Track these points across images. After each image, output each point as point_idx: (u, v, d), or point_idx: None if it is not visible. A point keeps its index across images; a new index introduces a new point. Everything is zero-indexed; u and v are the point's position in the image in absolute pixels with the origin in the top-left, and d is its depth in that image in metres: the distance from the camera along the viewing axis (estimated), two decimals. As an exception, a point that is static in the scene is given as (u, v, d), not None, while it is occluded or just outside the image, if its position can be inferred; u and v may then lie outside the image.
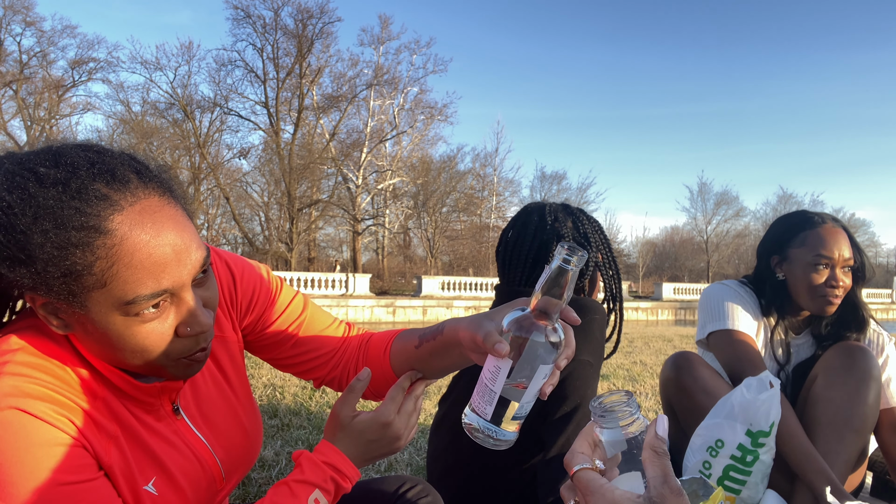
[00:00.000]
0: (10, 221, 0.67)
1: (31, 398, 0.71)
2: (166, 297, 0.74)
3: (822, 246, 1.82)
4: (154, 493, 0.82)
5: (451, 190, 40.27)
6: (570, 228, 1.56)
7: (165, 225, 0.73)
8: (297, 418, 3.19)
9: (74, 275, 0.68)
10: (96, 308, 0.71)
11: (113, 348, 0.75)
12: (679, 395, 1.83)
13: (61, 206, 0.67)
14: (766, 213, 53.66)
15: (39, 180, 0.68)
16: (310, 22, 35.73)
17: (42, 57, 34.04)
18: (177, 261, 0.73)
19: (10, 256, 0.68)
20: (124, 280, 0.70)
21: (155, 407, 0.86)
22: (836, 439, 1.66)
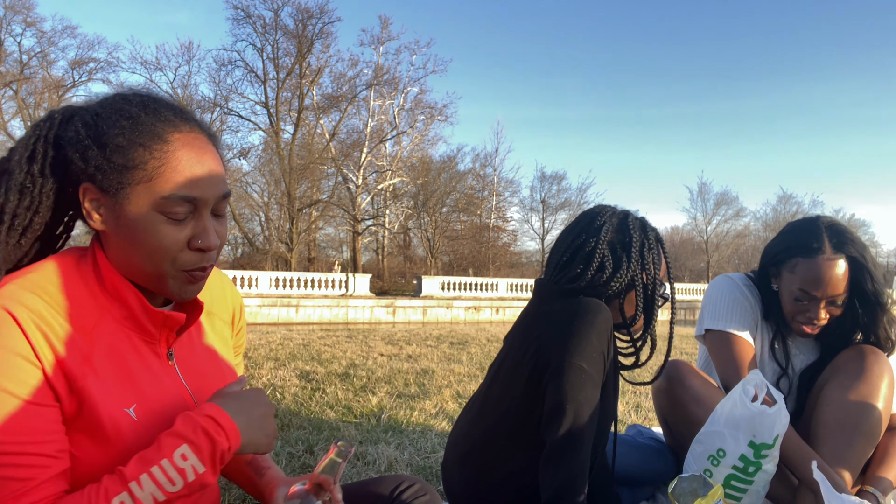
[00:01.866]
0: (94, 121, 0.88)
1: (24, 307, 0.82)
2: (191, 207, 0.89)
3: (808, 281, 1.73)
4: (133, 417, 0.88)
5: (451, 190, 40.26)
6: (609, 236, 1.49)
7: (207, 154, 0.92)
8: (297, 418, 3.20)
9: (130, 167, 0.86)
10: (136, 201, 0.87)
11: (134, 247, 0.88)
12: (671, 406, 1.81)
13: (138, 115, 0.88)
14: (766, 213, 53.76)
15: (125, 98, 0.91)
16: (310, 22, 35.76)
17: (42, 57, 34.10)
18: (208, 181, 0.90)
19: (87, 146, 0.87)
20: (166, 179, 0.87)
21: (154, 340, 0.95)
22: (844, 443, 1.64)
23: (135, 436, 0.87)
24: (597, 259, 1.47)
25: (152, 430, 0.88)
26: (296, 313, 24.88)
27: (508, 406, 1.47)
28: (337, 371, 4.84)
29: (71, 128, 0.90)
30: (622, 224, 1.51)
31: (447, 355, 6.08)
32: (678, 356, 6.76)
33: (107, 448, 0.85)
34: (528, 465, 1.44)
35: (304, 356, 5.70)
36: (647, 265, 1.48)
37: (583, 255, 1.49)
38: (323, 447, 2.64)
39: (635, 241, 1.48)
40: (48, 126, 0.93)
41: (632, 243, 1.48)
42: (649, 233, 1.52)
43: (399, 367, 5.17)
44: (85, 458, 0.85)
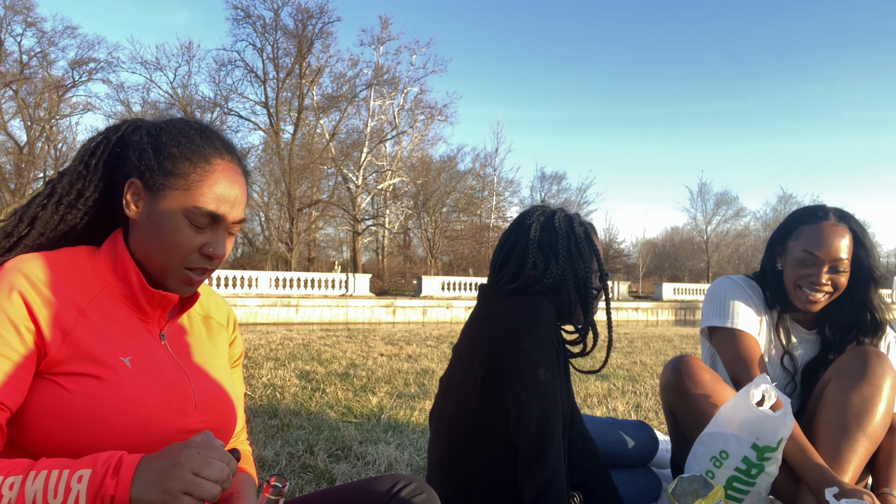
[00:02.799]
0: (157, 132, 1.07)
1: (26, 268, 0.96)
2: (212, 221, 1.06)
3: (812, 242, 1.80)
4: (128, 365, 0.99)
5: (451, 190, 40.26)
6: (537, 235, 1.55)
7: (237, 183, 1.09)
8: (297, 418, 3.20)
9: (174, 174, 1.04)
10: (170, 202, 1.03)
11: (156, 238, 1.04)
12: (680, 400, 1.81)
13: (194, 136, 1.07)
14: (766, 214, 53.74)
15: (188, 122, 1.10)
16: (310, 22, 35.75)
17: (42, 57, 34.07)
18: (231, 205, 1.07)
19: (145, 149, 1.05)
20: (200, 193, 1.04)
21: (148, 318, 1.07)
22: (847, 444, 1.64)
23: (130, 380, 0.97)
24: (530, 259, 1.53)
25: (145, 381, 0.99)
26: (296, 313, 24.88)
27: (467, 412, 1.51)
28: (337, 371, 4.84)
29: (137, 134, 1.08)
30: (548, 223, 1.57)
31: (447, 355, 6.08)
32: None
33: (102, 387, 0.94)
34: (498, 465, 1.47)
35: (304, 356, 5.70)
36: (574, 260, 1.54)
37: (515, 256, 1.56)
38: (323, 447, 2.64)
39: (561, 238, 1.54)
40: (115, 130, 1.11)
41: (558, 241, 1.54)
42: (576, 228, 1.57)
43: (399, 367, 5.16)
44: (83, 394, 0.93)
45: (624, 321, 30.94)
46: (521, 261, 1.55)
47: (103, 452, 0.87)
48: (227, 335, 1.25)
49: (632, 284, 44.32)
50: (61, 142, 35.30)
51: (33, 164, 33.89)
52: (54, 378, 0.93)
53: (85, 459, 0.85)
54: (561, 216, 1.58)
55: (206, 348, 1.17)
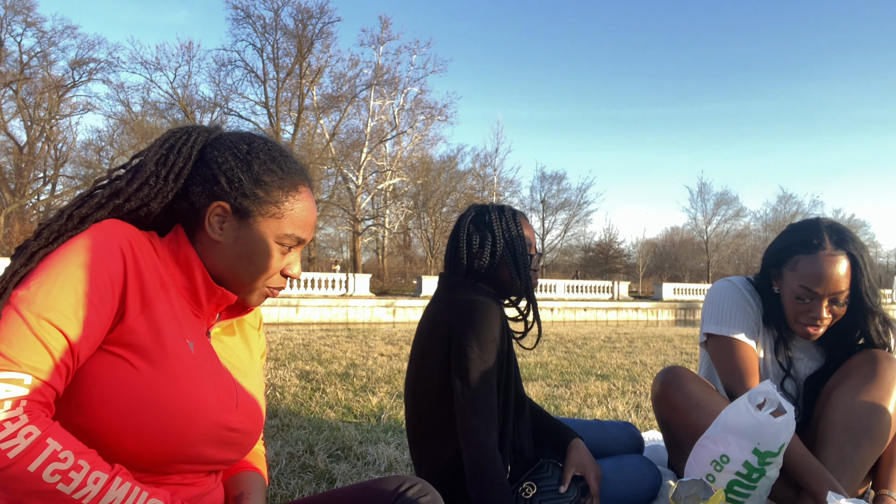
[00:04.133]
0: (246, 157, 1.07)
1: (119, 235, 0.98)
2: (298, 244, 1.11)
3: (809, 278, 1.71)
4: (192, 350, 1.01)
5: (451, 190, 40.25)
6: (471, 218, 1.77)
7: (315, 207, 1.16)
8: (297, 418, 3.20)
9: (268, 202, 1.06)
10: (261, 229, 1.07)
11: (243, 260, 1.07)
12: (671, 412, 1.80)
13: (282, 162, 1.10)
14: (766, 214, 53.83)
15: (268, 143, 1.12)
16: (310, 22, 35.74)
17: (42, 57, 34.07)
18: (313, 228, 1.14)
19: (237, 174, 1.05)
20: (291, 220, 1.09)
21: (201, 313, 1.09)
22: (852, 447, 1.64)
23: (191, 365, 0.99)
24: (473, 241, 1.73)
25: (203, 369, 1.01)
26: (296, 313, 24.88)
27: (436, 395, 1.67)
28: (337, 371, 4.84)
29: (218, 153, 1.07)
30: (481, 210, 1.79)
31: (447, 355, 6.08)
32: (679, 357, 6.76)
33: (167, 367, 0.96)
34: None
35: (304, 356, 5.70)
36: (507, 233, 1.74)
37: (460, 242, 1.75)
38: (323, 447, 2.64)
39: (494, 217, 1.75)
40: (184, 140, 1.08)
41: (491, 220, 1.74)
42: (505, 211, 1.78)
43: (399, 367, 5.16)
44: (147, 372, 0.94)
45: (624, 321, 30.92)
46: (465, 243, 1.74)
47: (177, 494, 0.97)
48: (258, 340, 1.27)
49: (632, 284, 44.29)
50: (61, 142, 35.32)
51: (33, 164, 33.90)
52: (122, 350, 0.94)
53: (160, 491, 0.90)
54: (492, 205, 1.81)
55: (244, 353, 1.19)
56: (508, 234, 1.74)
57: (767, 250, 1.89)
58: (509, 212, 1.78)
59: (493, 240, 1.73)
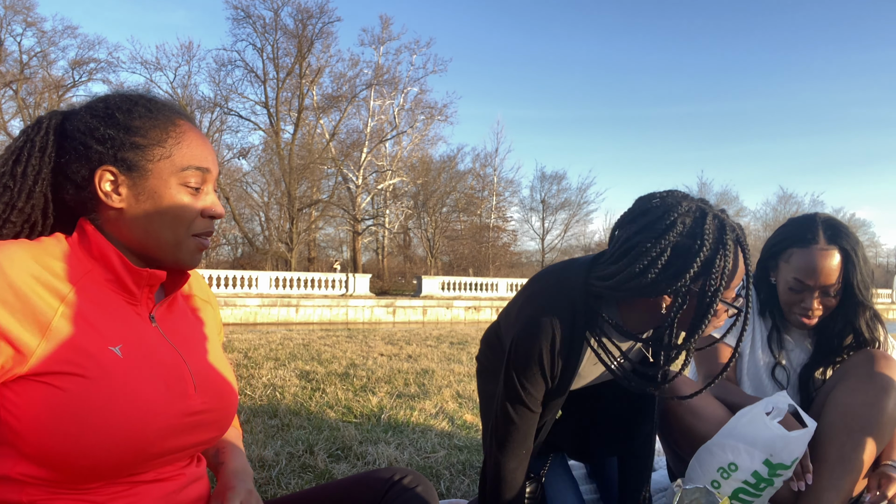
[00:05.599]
0: (105, 112, 1.00)
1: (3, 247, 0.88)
2: (203, 178, 1.04)
3: (802, 270, 1.78)
4: (119, 355, 0.93)
5: (451, 190, 40.25)
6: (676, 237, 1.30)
7: (205, 137, 1.08)
8: (297, 418, 3.19)
9: (151, 145, 0.99)
10: (158, 175, 0.99)
11: (156, 218, 1.00)
12: (666, 418, 1.81)
13: (146, 104, 1.03)
14: (766, 213, 53.80)
15: (124, 95, 1.04)
16: (310, 22, 35.77)
17: (42, 57, 34.07)
18: (212, 157, 1.07)
19: (104, 131, 0.98)
20: (183, 154, 1.02)
21: (136, 300, 1.01)
22: (850, 447, 1.64)
23: (122, 372, 0.91)
24: (662, 259, 1.29)
25: (139, 369, 0.93)
26: (296, 313, 24.87)
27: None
28: (337, 371, 4.84)
29: (78, 121, 1.00)
30: (699, 222, 1.30)
31: (447, 355, 6.08)
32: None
33: (94, 383, 0.89)
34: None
35: (304, 356, 5.70)
36: (712, 275, 1.28)
37: (646, 249, 1.30)
38: (323, 447, 2.64)
39: (705, 249, 1.28)
40: (36, 130, 1.01)
41: (700, 251, 1.27)
42: (727, 237, 1.29)
43: (399, 367, 5.16)
44: (76, 392, 0.88)
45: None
46: (654, 257, 1.29)
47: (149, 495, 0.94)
48: (212, 311, 1.22)
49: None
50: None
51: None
52: (44, 379, 0.87)
53: None
54: (712, 219, 1.31)
55: (196, 328, 1.14)
56: (713, 281, 1.29)
57: (766, 242, 1.97)
58: (731, 240, 1.30)
59: (683, 284, 1.29)
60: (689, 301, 1.31)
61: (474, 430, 3.15)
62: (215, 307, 1.25)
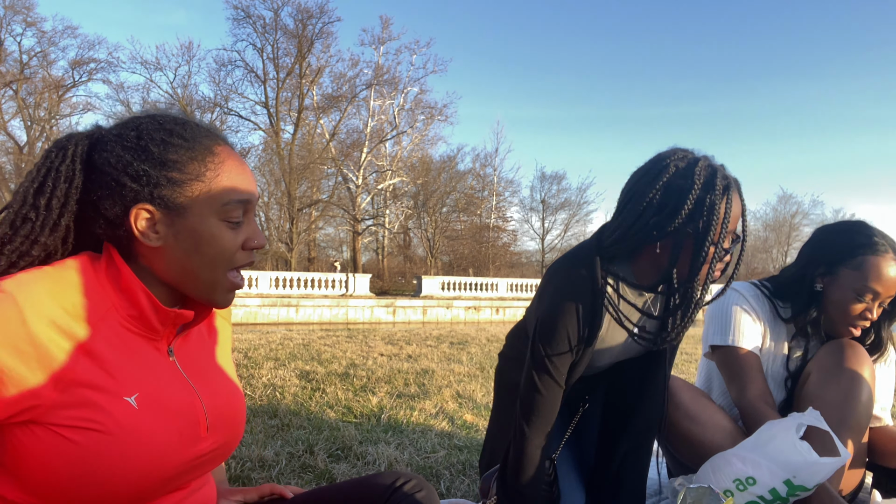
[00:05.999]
0: (137, 143, 0.92)
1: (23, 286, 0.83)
2: (244, 209, 0.98)
3: (877, 279, 1.73)
4: (134, 405, 0.89)
5: (451, 190, 40.26)
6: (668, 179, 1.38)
7: (243, 161, 1.01)
8: (297, 418, 3.19)
9: (189, 180, 0.92)
10: (198, 211, 0.93)
11: (195, 255, 0.94)
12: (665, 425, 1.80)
13: (181, 132, 0.94)
14: (766, 214, 53.73)
15: (156, 119, 0.96)
16: (310, 22, 35.76)
17: (42, 57, 34.08)
18: (252, 185, 1.00)
19: (138, 167, 0.90)
20: (223, 187, 0.95)
21: (157, 336, 0.96)
22: None
23: (136, 425, 0.88)
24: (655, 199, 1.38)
25: (153, 420, 0.90)
26: (296, 313, 24.87)
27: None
28: (337, 371, 4.84)
29: (108, 153, 0.92)
30: (688, 169, 1.38)
31: (447, 355, 6.08)
32: (679, 356, 6.76)
33: (107, 437, 0.85)
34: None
35: (304, 356, 5.70)
36: (704, 213, 1.36)
37: (640, 202, 1.41)
38: (323, 447, 2.64)
39: (695, 188, 1.35)
40: (60, 158, 0.93)
41: (690, 189, 1.35)
42: (717, 179, 1.37)
43: (399, 367, 5.16)
44: (87, 445, 0.85)
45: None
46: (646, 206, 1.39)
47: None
48: (227, 325, 1.19)
49: (632, 284, 44.19)
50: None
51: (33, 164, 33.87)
52: (57, 429, 0.83)
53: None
54: (704, 165, 1.40)
55: (213, 350, 1.10)
56: (705, 220, 1.36)
57: (816, 246, 1.87)
58: (721, 183, 1.38)
59: (677, 224, 1.37)
60: (686, 243, 1.38)
61: (474, 430, 3.15)
62: (229, 318, 1.21)
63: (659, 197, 1.38)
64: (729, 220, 1.38)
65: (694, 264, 1.38)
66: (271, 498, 1.23)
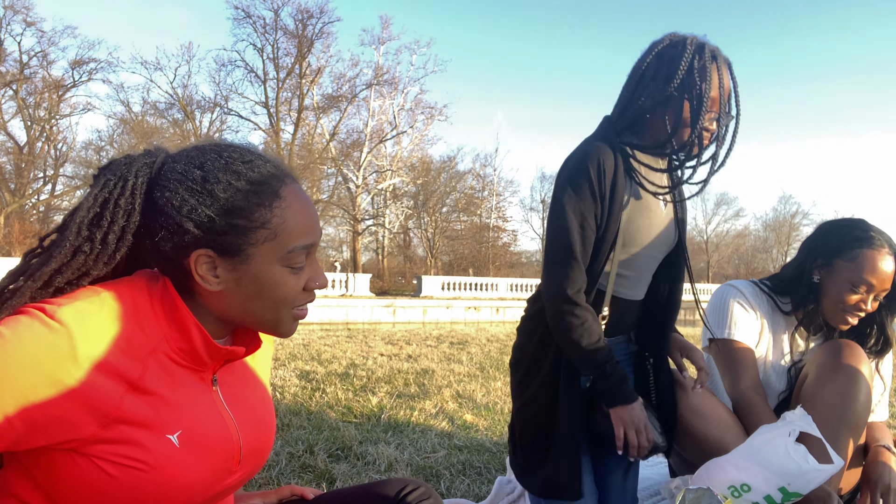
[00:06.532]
0: (203, 186, 0.88)
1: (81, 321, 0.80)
2: (308, 252, 0.94)
3: (871, 271, 1.78)
4: (176, 444, 0.87)
5: (451, 190, 40.28)
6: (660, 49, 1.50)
7: (308, 199, 0.97)
8: (297, 418, 3.20)
9: (255, 227, 0.88)
10: (261, 259, 0.90)
11: (256, 299, 0.92)
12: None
13: (247, 174, 0.90)
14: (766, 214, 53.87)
15: (223, 156, 0.91)
16: (310, 22, 35.74)
17: (42, 57, 34.01)
18: (317, 225, 0.96)
19: (204, 213, 0.87)
20: (289, 234, 0.91)
21: (203, 369, 0.94)
22: (830, 439, 1.63)
23: (175, 462, 0.87)
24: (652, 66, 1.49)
25: (191, 457, 0.89)
26: (296, 313, 24.82)
27: None
28: (337, 371, 4.84)
29: (170, 194, 0.88)
30: (676, 42, 1.49)
31: (447, 355, 6.08)
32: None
33: (144, 474, 0.85)
34: None
35: (304, 356, 5.70)
36: (696, 76, 1.45)
37: (635, 76, 1.53)
38: (323, 447, 2.64)
39: (687, 53, 1.46)
40: (120, 191, 0.89)
41: (682, 56, 1.46)
42: (706, 49, 1.47)
43: (399, 367, 5.16)
44: (124, 479, 0.84)
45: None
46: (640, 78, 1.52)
47: None
48: (270, 344, 1.18)
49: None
50: (61, 142, 35.29)
51: (33, 164, 33.89)
52: (94, 459, 0.82)
53: None
54: (692, 39, 1.50)
55: (254, 375, 1.09)
56: (691, 77, 1.46)
57: (817, 240, 1.92)
58: (710, 50, 1.48)
59: (671, 89, 1.46)
60: (683, 108, 1.47)
61: (474, 431, 3.15)
62: (271, 340, 1.19)
63: (653, 65, 1.49)
64: (723, 87, 1.48)
65: (693, 127, 1.47)
66: (291, 499, 1.22)
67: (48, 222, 33.97)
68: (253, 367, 1.09)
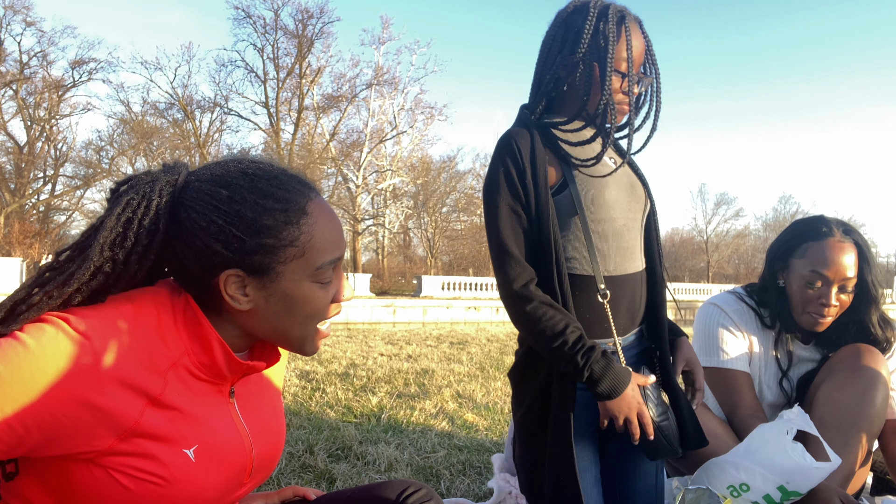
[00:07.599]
0: (230, 206, 0.86)
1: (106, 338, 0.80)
2: (335, 266, 0.94)
3: (820, 262, 1.75)
4: (192, 458, 0.87)
5: (450, 190, 40.27)
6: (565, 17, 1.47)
7: (333, 212, 0.97)
8: (297, 418, 3.19)
9: (283, 246, 0.88)
10: (290, 276, 0.90)
11: (285, 316, 0.92)
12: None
13: (274, 192, 0.89)
14: (766, 214, 53.87)
15: (248, 174, 0.90)
16: (310, 22, 35.73)
17: (42, 57, 34.00)
18: (342, 238, 0.97)
19: (232, 233, 0.86)
20: (317, 250, 0.91)
21: (222, 382, 0.94)
22: (841, 442, 1.64)
23: (189, 476, 0.87)
24: (558, 37, 1.47)
25: (206, 471, 0.89)
26: (296, 313, 24.82)
27: None
28: (337, 371, 4.84)
29: (196, 215, 0.86)
30: (582, 6, 1.45)
31: (447, 355, 6.08)
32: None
33: (159, 488, 0.85)
34: None
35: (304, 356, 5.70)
36: (601, 39, 1.42)
37: (542, 49, 1.52)
38: (323, 447, 2.64)
39: (591, 18, 1.42)
40: (144, 210, 0.87)
41: (586, 21, 1.42)
42: (610, 11, 1.43)
43: (399, 367, 5.16)
44: (138, 492, 0.84)
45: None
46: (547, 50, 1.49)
47: None
48: (285, 353, 1.16)
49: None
50: (61, 142, 35.27)
51: (33, 164, 33.87)
52: (110, 471, 0.82)
53: None
54: (597, 2, 1.46)
55: (271, 384, 1.09)
56: (596, 40, 1.42)
57: (773, 244, 1.93)
58: (615, 13, 1.43)
59: (580, 54, 1.42)
60: (593, 73, 1.43)
61: (474, 430, 3.15)
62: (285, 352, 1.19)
63: (560, 35, 1.46)
64: (631, 49, 1.43)
65: (602, 91, 1.41)
66: (293, 500, 1.21)
67: (48, 222, 33.99)
68: (269, 377, 1.09)
